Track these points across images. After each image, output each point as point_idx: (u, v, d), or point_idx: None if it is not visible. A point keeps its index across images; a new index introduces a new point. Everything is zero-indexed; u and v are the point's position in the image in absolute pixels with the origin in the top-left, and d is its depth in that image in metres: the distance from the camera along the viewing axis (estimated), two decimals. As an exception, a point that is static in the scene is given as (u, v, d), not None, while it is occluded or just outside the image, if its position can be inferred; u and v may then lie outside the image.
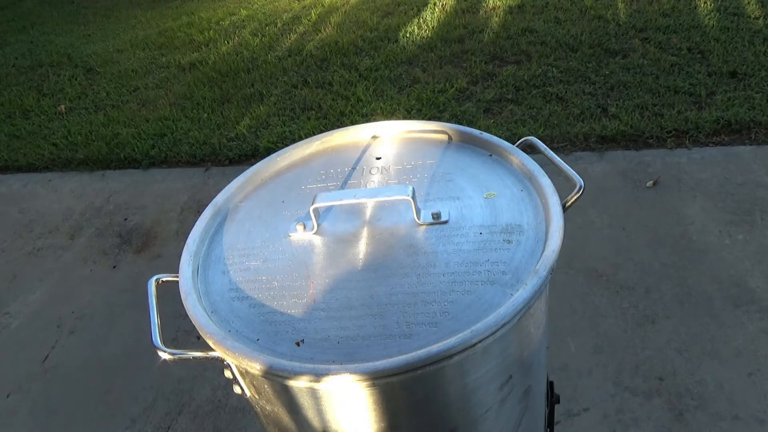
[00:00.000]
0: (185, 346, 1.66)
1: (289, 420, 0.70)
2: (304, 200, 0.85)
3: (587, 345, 1.75)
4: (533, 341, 0.73)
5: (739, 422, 1.52)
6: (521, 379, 0.73)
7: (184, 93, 3.59)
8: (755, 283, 1.86)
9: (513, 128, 2.69)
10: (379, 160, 0.91)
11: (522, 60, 3.27)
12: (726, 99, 2.66)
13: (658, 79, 2.87)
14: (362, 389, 0.61)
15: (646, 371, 1.66)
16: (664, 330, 1.77)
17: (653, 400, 1.59)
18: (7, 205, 2.91)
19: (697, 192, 2.23)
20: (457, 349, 0.58)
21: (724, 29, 3.20)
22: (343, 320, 0.65)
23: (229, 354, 0.63)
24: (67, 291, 2.29)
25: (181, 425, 1.73)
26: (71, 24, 5.26)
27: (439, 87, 3.12)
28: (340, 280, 0.70)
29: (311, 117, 3.09)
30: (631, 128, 2.58)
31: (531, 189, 0.79)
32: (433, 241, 0.73)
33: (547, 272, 0.64)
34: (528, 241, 0.70)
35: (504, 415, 0.74)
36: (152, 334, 0.72)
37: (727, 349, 1.69)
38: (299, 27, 4.28)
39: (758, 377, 1.61)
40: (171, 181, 2.85)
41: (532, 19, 3.67)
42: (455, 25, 3.80)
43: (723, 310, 1.80)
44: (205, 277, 0.75)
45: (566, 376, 1.68)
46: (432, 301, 0.65)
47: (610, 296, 1.89)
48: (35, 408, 1.86)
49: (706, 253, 1.98)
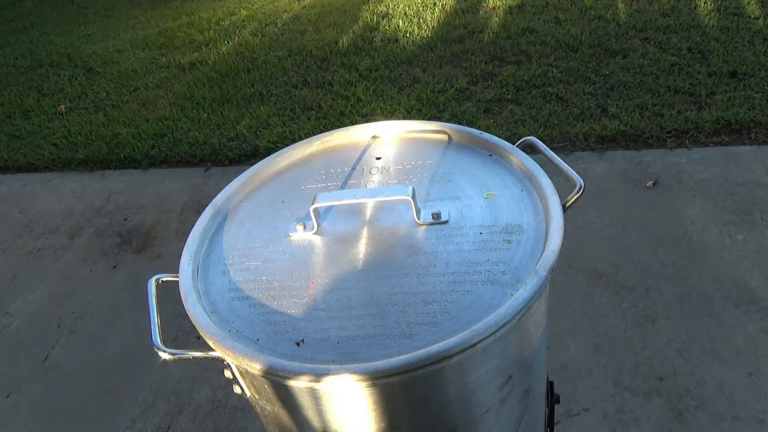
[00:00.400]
0: (185, 346, 1.66)
1: (289, 420, 0.70)
2: (304, 200, 0.85)
3: (587, 345, 1.75)
4: (533, 341, 0.73)
5: (739, 422, 1.52)
6: (521, 379, 0.73)
7: (184, 93, 3.59)
8: (755, 283, 1.86)
9: (513, 128, 2.69)
10: (379, 160, 0.91)
11: (522, 60, 3.27)
12: (726, 99, 2.66)
13: (658, 79, 2.87)
14: (362, 389, 0.61)
15: (646, 371, 1.66)
16: (664, 330, 1.77)
17: (653, 400, 1.59)
18: (7, 205, 2.91)
19: (697, 192, 2.23)
20: (457, 349, 0.58)
21: (724, 29, 3.20)
22: (343, 320, 0.65)
23: (229, 354, 0.63)
24: (67, 291, 2.29)
25: (181, 425, 1.73)
26: (71, 24, 5.26)
27: (439, 87, 3.12)
28: (340, 280, 0.70)
29: (311, 117, 3.09)
30: (631, 128, 2.58)
31: (531, 189, 0.79)
32: (433, 241, 0.73)
33: (547, 272, 0.64)
34: (528, 241, 0.70)
35: (504, 415, 0.74)
36: (152, 334, 0.72)
37: (727, 349, 1.69)
38: (299, 27, 4.28)
39: (758, 377, 1.61)
40: (171, 181, 2.85)
41: (532, 19, 3.67)
42: (455, 25, 3.80)
43: (723, 310, 1.80)
44: (205, 277, 0.75)
45: (566, 376, 1.68)
46: (432, 301, 0.65)
47: (610, 296, 1.89)
48: (35, 408, 1.86)
49: (706, 253, 1.98)
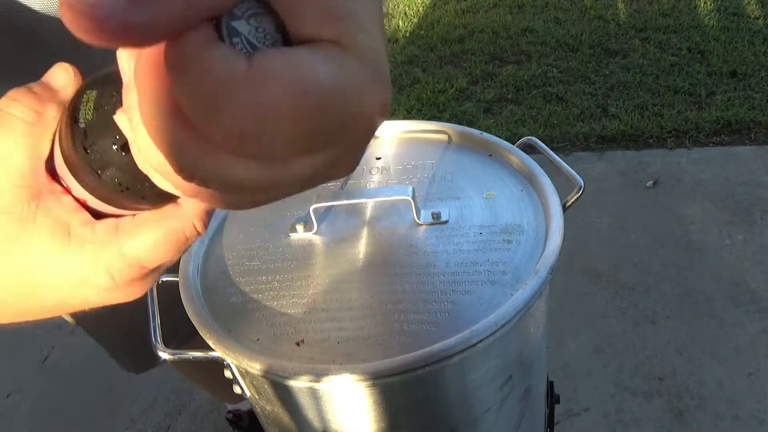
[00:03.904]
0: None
1: (289, 420, 0.70)
2: (304, 200, 0.85)
3: (587, 345, 1.75)
4: (533, 341, 0.73)
5: (739, 422, 1.52)
6: (521, 379, 0.73)
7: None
8: (755, 283, 1.86)
9: (513, 128, 2.69)
10: (379, 160, 0.91)
11: (522, 60, 3.27)
12: (726, 99, 2.66)
13: (658, 79, 2.87)
14: (362, 389, 0.61)
15: (646, 371, 1.66)
16: (664, 330, 1.77)
17: (653, 400, 1.59)
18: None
19: (697, 192, 2.23)
20: (457, 349, 0.58)
21: (724, 29, 3.20)
22: (343, 320, 0.65)
23: (230, 354, 0.63)
24: (67, 291, 2.28)
25: (181, 425, 1.73)
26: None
27: (439, 87, 3.12)
28: (340, 280, 0.70)
29: (311, 117, 3.09)
30: (631, 128, 2.58)
31: (531, 189, 0.79)
32: (433, 241, 0.73)
33: (547, 272, 0.64)
34: (528, 241, 0.70)
35: (504, 415, 0.74)
36: (152, 334, 0.72)
37: (727, 349, 1.69)
38: (299, 27, 4.28)
39: (758, 377, 1.61)
40: (171, 181, 2.85)
41: (532, 19, 3.67)
42: (455, 25, 3.80)
43: (723, 310, 1.80)
44: (204, 277, 0.75)
45: (566, 376, 1.68)
46: (432, 301, 0.65)
47: (610, 296, 1.89)
48: (35, 408, 1.86)
49: (706, 253, 1.98)
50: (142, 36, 0.19)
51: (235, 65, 0.21)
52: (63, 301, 0.34)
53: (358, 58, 0.23)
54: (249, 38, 0.22)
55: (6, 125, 0.32)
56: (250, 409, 1.59)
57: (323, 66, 0.22)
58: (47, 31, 0.60)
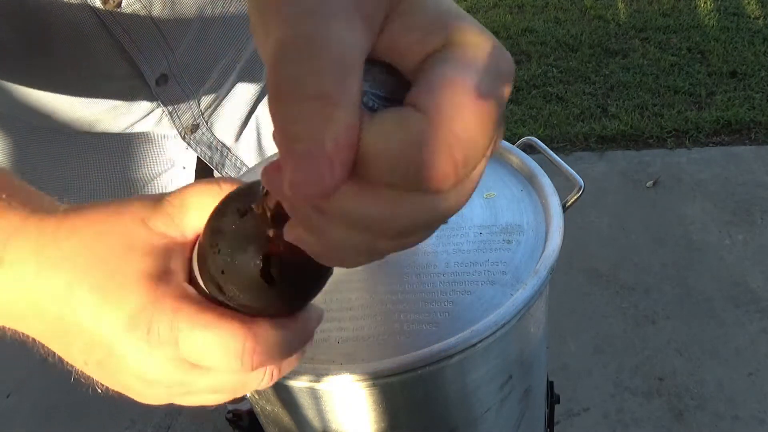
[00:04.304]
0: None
1: (289, 420, 0.70)
2: (304, 200, 0.85)
3: (587, 345, 1.75)
4: (533, 341, 0.73)
5: (739, 422, 1.52)
6: (521, 379, 0.73)
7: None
8: (755, 283, 1.86)
9: (513, 128, 2.69)
10: (379, 160, 0.91)
11: (522, 60, 3.27)
12: (726, 99, 2.66)
13: (658, 79, 2.87)
14: (362, 389, 0.61)
15: (646, 371, 1.66)
16: (664, 330, 1.77)
17: (653, 400, 1.59)
18: (7, 205, 2.91)
19: (697, 192, 2.23)
20: (457, 349, 0.58)
21: (724, 29, 3.20)
22: (343, 321, 0.65)
23: (229, 354, 0.63)
24: (67, 291, 2.28)
25: (181, 425, 1.73)
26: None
27: (439, 87, 3.12)
28: (340, 281, 0.70)
29: (311, 117, 3.09)
30: (631, 128, 2.58)
31: (531, 189, 0.79)
32: (433, 241, 0.73)
33: (547, 272, 0.64)
34: (528, 241, 0.70)
35: (504, 415, 0.74)
36: (152, 334, 0.72)
37: (727, 349, 1.69)
38: (299, 27, 4.28)
39: (758, 377, 1.61)
40: (171, 181, 2.85)
41: (531, 19, 3.67)
42: (455, 25, 3.79)
43: (723, 310, 1.80)
44: (205, 277, 0.75)
45: (566, 376, 1.68)
46: (432, 301, 0.65)
47: (610, 296, 1.89)
48: (35, 408, 1.86)
49: (706, 253, 1.98)
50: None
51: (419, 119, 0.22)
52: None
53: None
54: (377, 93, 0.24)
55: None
56: (250, 409, 1.59)
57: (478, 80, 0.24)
58: (56, 14, 0.60)
